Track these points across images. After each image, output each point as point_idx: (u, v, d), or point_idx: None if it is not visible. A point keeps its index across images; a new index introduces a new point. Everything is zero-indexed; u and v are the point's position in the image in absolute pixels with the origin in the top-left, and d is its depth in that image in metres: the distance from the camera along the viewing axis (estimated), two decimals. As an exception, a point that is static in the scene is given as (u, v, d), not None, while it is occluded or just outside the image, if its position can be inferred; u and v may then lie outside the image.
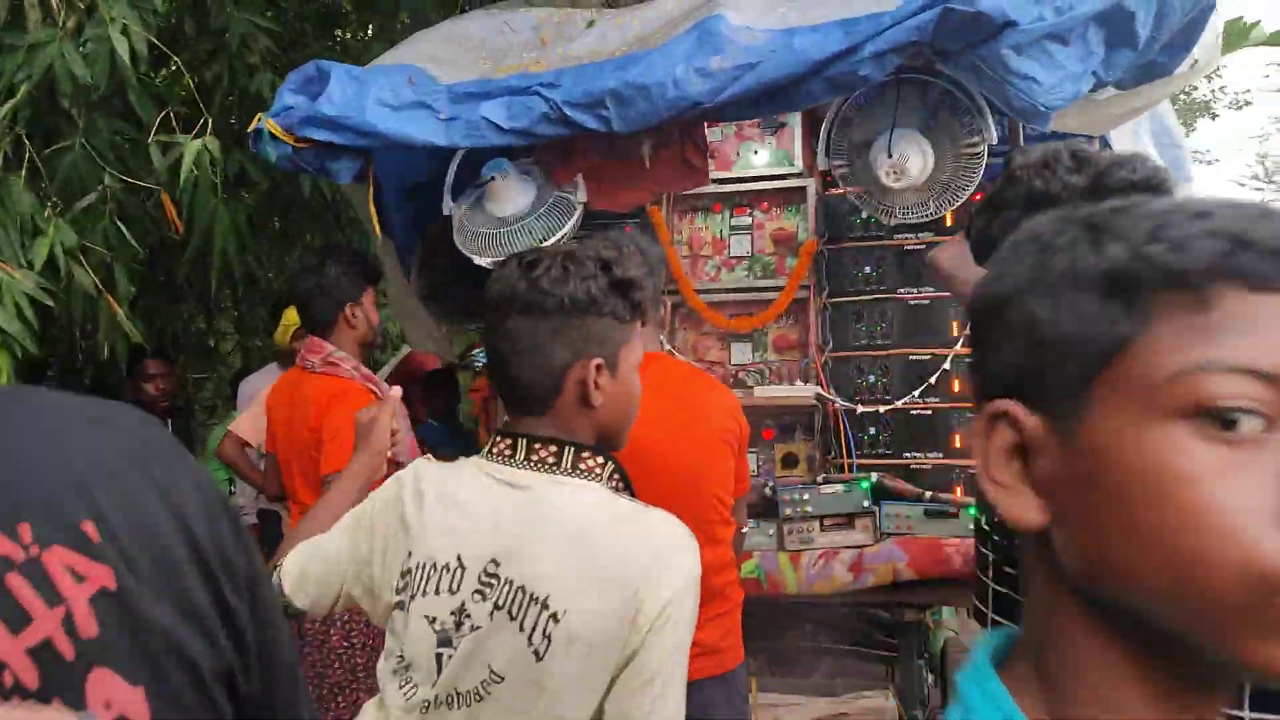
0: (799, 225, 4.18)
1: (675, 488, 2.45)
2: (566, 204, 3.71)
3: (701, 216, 4.33)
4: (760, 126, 4.22)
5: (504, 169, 3.69)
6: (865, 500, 3.53)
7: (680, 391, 2.81)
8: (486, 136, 3.27)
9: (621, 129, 3.19)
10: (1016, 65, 2.81)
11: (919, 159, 3.29)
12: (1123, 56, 2.94)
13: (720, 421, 2.78)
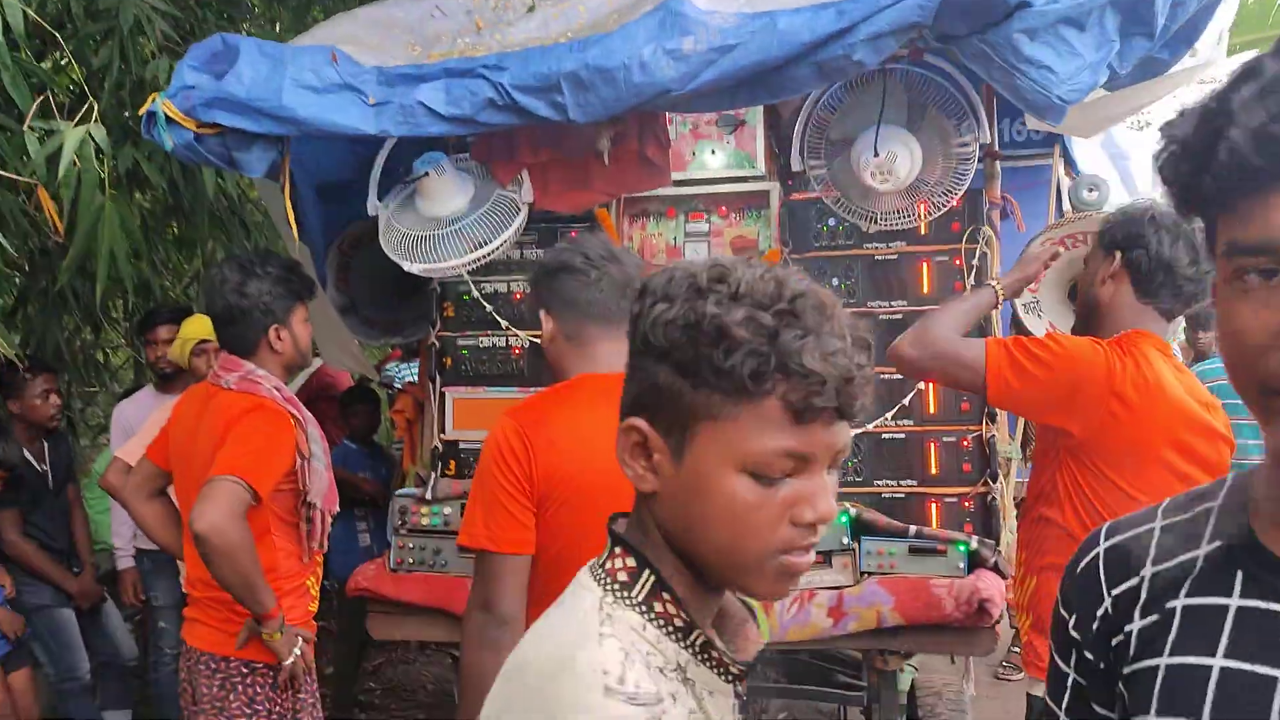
0: (760, 233, 3.84)
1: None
2: (509, 204, 3.31)
3: (654, 221, 3.96)
4: (718, 124, 3.86)
5: (439, 164, 3.27)
6: (844, 536, 3.19)
7: None
8: (422, 124, 2.86)
9: (578, 118, 2.81)
10: (1029, 52, 2.51)
11: (907, 158, 2.98)
12: (1138, 46, 2.66)
13: None
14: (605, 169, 3.21)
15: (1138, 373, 2.43)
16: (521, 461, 2.16)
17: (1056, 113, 2.55)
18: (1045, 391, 2.47)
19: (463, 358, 3.94)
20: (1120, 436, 2.44)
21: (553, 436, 2.15)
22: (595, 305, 2.26)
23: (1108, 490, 2.47)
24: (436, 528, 3.44)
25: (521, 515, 2.13)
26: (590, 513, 2.05)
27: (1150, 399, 2.42)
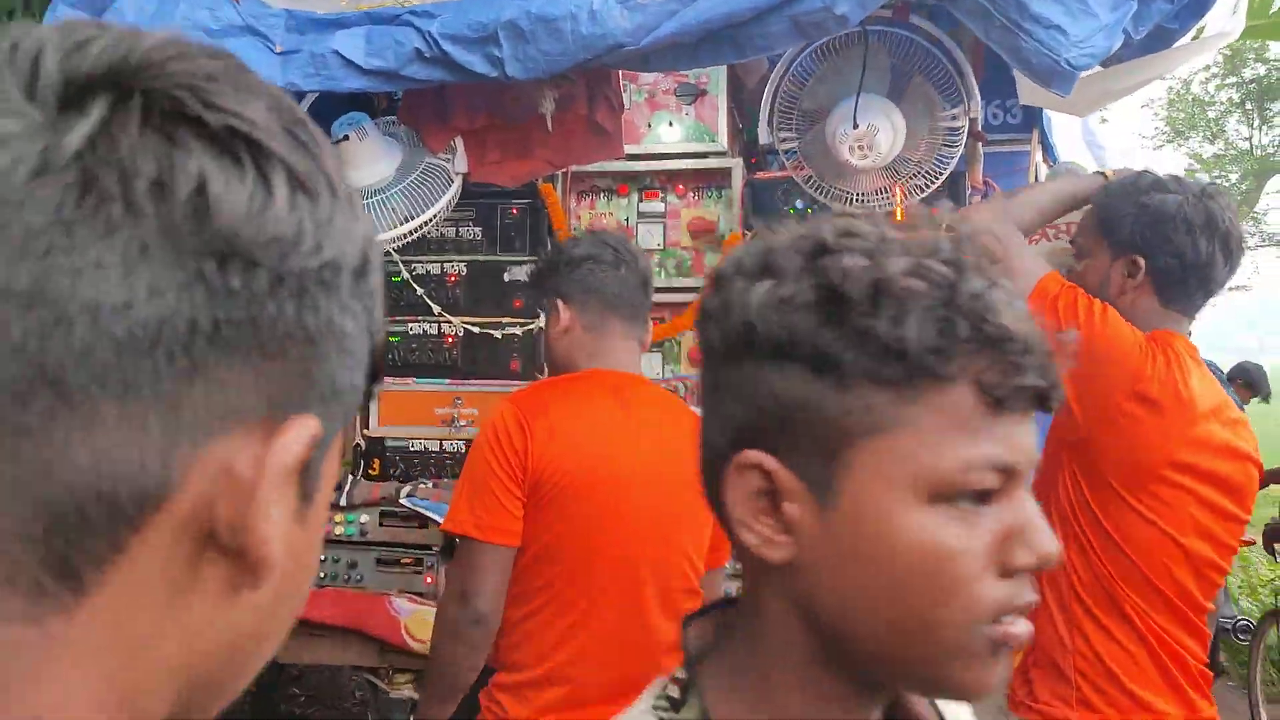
0: (721, 214, 3.50)
1: (637, 541, 2.03)
2: (440, 174, 2.93)
3: (604, 199, 3.60)
4: (677, 94, 3.52)
5: (360, 126, 2.89)
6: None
7: (651, 416, 2.13)
8: (337, 77, 2.47)
9: (517, 75, 2.44)
10: (1037, 9, 2.18)
11: (889, 132, 2.64)
12: (1156, 8, 2.34)
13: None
14: (549, 136, 2.85)
15: (1167, 374, 2.00)
16: (518, 449, 2.03)
17: (1064, 80, 2.22)
18: (1081, 356, 2.04)
19: (391, 345, 3.56)
20: (1132, 442, 2.01)
21: (553, 425, 2.04)
22: (621, 298, 2.14)
23: (1117, 507, 2.02)
24: (352, 538, 3.05)
25: (510, 504, 2.01)
26: (579, 517, 2.00)
27: (1175, 406, 2.01)
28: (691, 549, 2.11)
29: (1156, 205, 2.07)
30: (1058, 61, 2.18)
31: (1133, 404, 2.02)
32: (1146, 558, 2.03)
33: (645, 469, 2.05)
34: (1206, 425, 2.05)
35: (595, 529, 2.04)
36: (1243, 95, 16.90)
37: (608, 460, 2.03)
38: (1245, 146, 17.39)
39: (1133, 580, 2.03)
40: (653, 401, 2.16)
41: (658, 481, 2.04)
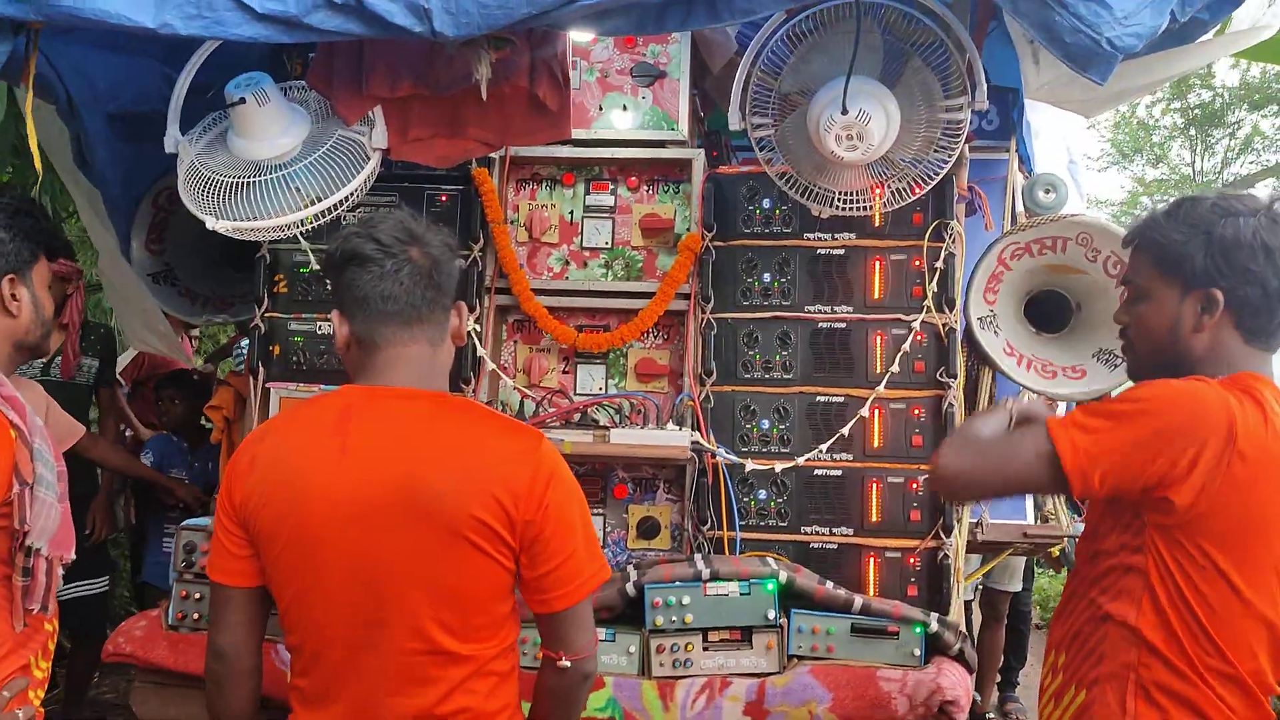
0: (678, 212, 3.10)
1: (340, 593, 1.72)
2: (355, 149, 2.51)
3: (546, 189, 3.18)
4: (632, 74, 3.11)
5: (260, 88, 2.44)
6: (770, 608, 2.47)
7: (382, 445, 1.74)
8: (225, 22, 2.04)
9: (448, 32, 2.03)
10: (1076, -22, 1.82)
11: (883, 120, 2.27)
12: (1206, -13, 1.99)
13: (471, 494, 1.70)
14: (483, 110, 2.44)
15: (1260, 423, 1.73)
16: (226, 481, 1.85)
17: (1104, 64, 1.87)
18: (1142, 449, 1.74)
19: (294, 346, 3.11)
20: (1238, 507, 1.74)
21: (257, 455, 1.82)
22: (392, 301, 1.80)
23: (1211, 584, 1.75)
24: (234, 573, 2.59)
25: (229, 541, 1.82)
26: (279, 563, 1.75)
27: (1272, 460, 1.74)
28: (434, 601, 1.70)
29: (1230, 231, 1.81)
30: (1098, 42, 1.83)
31: (1238, 461, 1.72)
32: (1234, 643, 1.76)
33: (351, 506, 1.70)
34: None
35: (292, 577, 1.75)
36: (1186, 121, 16.97)
37: (300, 497, 1.72)
38: (1187, 172, 17.47)
39: (1212, 669, 1.77)
40: (392, 424, 1.76)
41: (372, 520, 1.70)
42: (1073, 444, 1.75)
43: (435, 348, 1.84)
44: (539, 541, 1.73)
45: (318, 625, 1.74)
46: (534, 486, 1.72)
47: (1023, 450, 1.81)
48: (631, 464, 3.01)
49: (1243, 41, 2.55)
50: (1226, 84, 16.00)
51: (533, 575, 1.76)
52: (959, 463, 1.86)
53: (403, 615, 1.70)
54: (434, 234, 1.86)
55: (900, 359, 2.91)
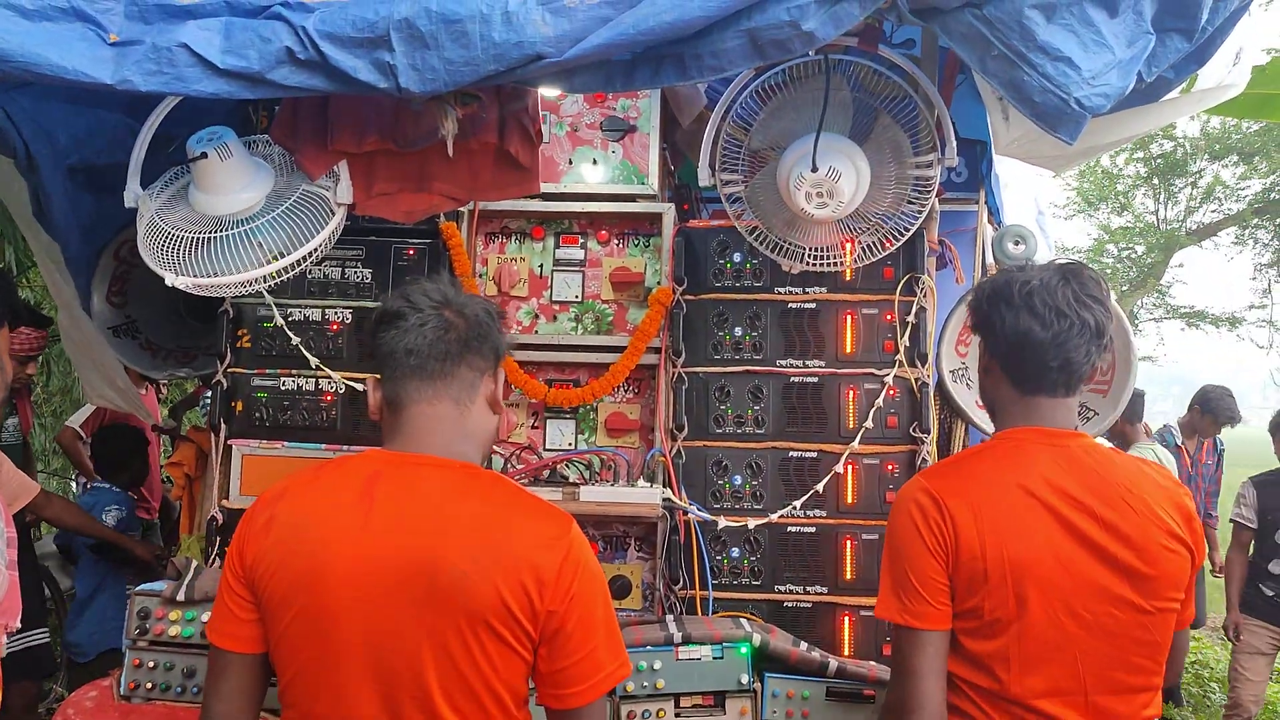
0: (649, 265, 3.08)
1: (350, 665, 1.63)
2: (319, 204, 2.46)
3: (516, 243, 3.15)
4: (602, 128, 3.10)
5: (223, 143, 2.40)
6: (744, 672, 2.41)
7: (409, 512, 1.66)
8: (186, 78, 2.00)
9: (413, 88, 2.00)
10: (1046, 37, 1.83)
11: (852, 177, 2.25)
12: (1173, 48, 2.02)
13: (497, 577, 1.61)
14: (451, 165, 2.40)
15: (960, 485, 1.88)
16: (237, 542, 1.75)
17: (1072, 124, 1.86)
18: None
19: (257, 402, 3.05)
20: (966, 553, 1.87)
21: (275, 516, 1.72)
22: (415, 354, 1.74)
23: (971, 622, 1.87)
24: (190, 640, 2.49)
25: (235, 605, 1.73)
26: (289, 630, 1.66)
27: (984, 508, 1.86)
28: (448, 683, 1.62)
29: (978, 292, 1.98)
30: (1067, 101, 1.83)
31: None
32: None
33: (371, 578, 1.62)
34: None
35: (302, 646, 1.65)
36: (1150, 170, 17.23)
37: (318, 564, 1.63)
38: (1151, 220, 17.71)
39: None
40: (419, 496, 1.69)
41: (391, 594, 1.61)
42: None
43: (462, 409, 1.76)
44: (561, 634, 1.63)
45: (324, 703, 1.64)
46: (561, 576, 1.63)
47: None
48: (602, 521, 2.95)
49: (1208, 100, 2.56)
50: (1188, 134, 16.30)
51: (550, 669, 1.65)
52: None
53: (417, 698, 1.60)
54: (475, 301, 1.82)
55: (874, 414, 2.89)
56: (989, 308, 1.91)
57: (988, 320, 1.92)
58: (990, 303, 1.91)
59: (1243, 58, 2.48)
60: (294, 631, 1.64)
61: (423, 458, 1.70)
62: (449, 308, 1.77)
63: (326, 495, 1.71)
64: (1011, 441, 1.90)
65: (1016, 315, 1.86)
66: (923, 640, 1.80)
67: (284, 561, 1.66)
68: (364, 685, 1.62)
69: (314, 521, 1.68)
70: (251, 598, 1.70)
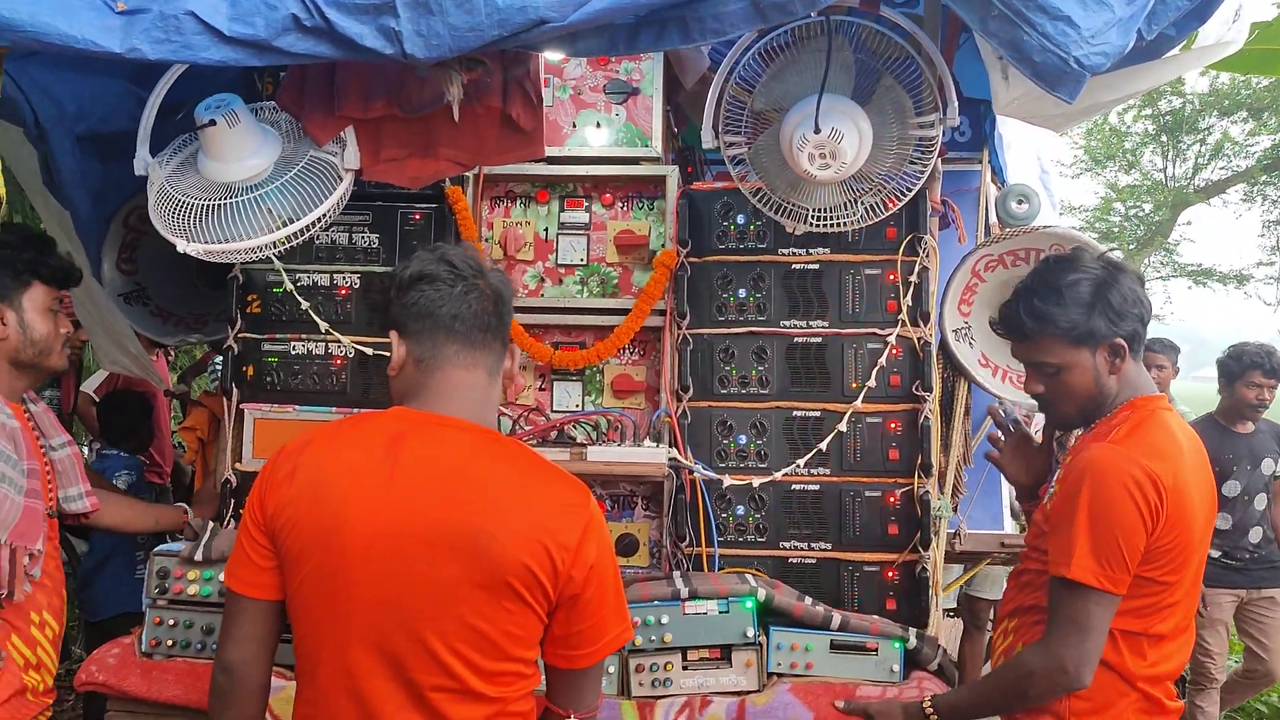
0: (653, 228, 3.10)
1: (364, 618, 1.67)
2: (328, 170, 2.49)
3: (520, 207, 3.18)
4: (605, 91, 3.12)
5: (231, 110, 2.43)
6: (749, 625, 2.47)
7: (432, 474, 1.71)
8: (194, 46, 2.02)
9: (418, 54, 2.02)
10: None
11: (855, 138, 2.27)
12: (1173, 5, 2.03)
13: (522, 541, 1.66)
14: (456, 130, 2.43)
15: (1164, 463, 2.09)
16: (258, 489, 1.80)
17: (1072, 83, 1.88)
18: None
19: (269, 366, 3.09)
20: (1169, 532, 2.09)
21: (298, 467, 1.75)
22: (460, 321, 1.80)
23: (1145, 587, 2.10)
24: (208, 599, 2.56)
25: (254, 552, 1.77)
26: (305, 580, 1.69)
27: (1181, 486, 2.10)
28: (464, 639, 1.66)
29: (1109, 292, 2.19)
30: (1066, 60, 1.85)
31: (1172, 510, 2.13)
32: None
33: (393, 535, 1.66)
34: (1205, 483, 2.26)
35: (318, 597, 1.69)
36: (1158, 128, 17.14)
37: (339, 517, 1.67)
38: (1159, 178, 17.64)
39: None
40: (446, 457, 1.72)
41: (413, 551, 1.65)
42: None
43: (491, 379, 1.82)
44: (579, 600, 1.69)
45: (336, 653, 1.68)
46: (584, 543, 1.68)
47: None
48: (609, 481, 3.00)
49: (1209, 56, 2.56)
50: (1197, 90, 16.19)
51: (564, 632, 1.72)
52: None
53: (430, 652, 1.65)
54: (498, 274, 1.87)
55: (876, 373, 2.92)
56: (1130, 301, 2.18)
57: (1130, 314, 2.18)
58: (1132, 297, 2.19)
59: (1242, 14, 2.48)
60: (310, 584, 1.69)
61: (448, 419, 1.74)
62: (483, 278, 1.81)
63: (351, 450, 1.74)
64: (1158, 409, 2.19)
65: (1142, 294, 2.20)
66: (1110, 604, 2.03)
67: (305, 514, 1.70)
68: (378, 637, 1.67)
69: (337, 476, 1.70)
70: (270, 546, 1.74)
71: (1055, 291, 2.19)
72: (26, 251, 2.46)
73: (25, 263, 2.46)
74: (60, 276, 2.56)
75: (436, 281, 1.80)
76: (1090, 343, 2.19)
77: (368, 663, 1.67)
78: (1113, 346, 2.18)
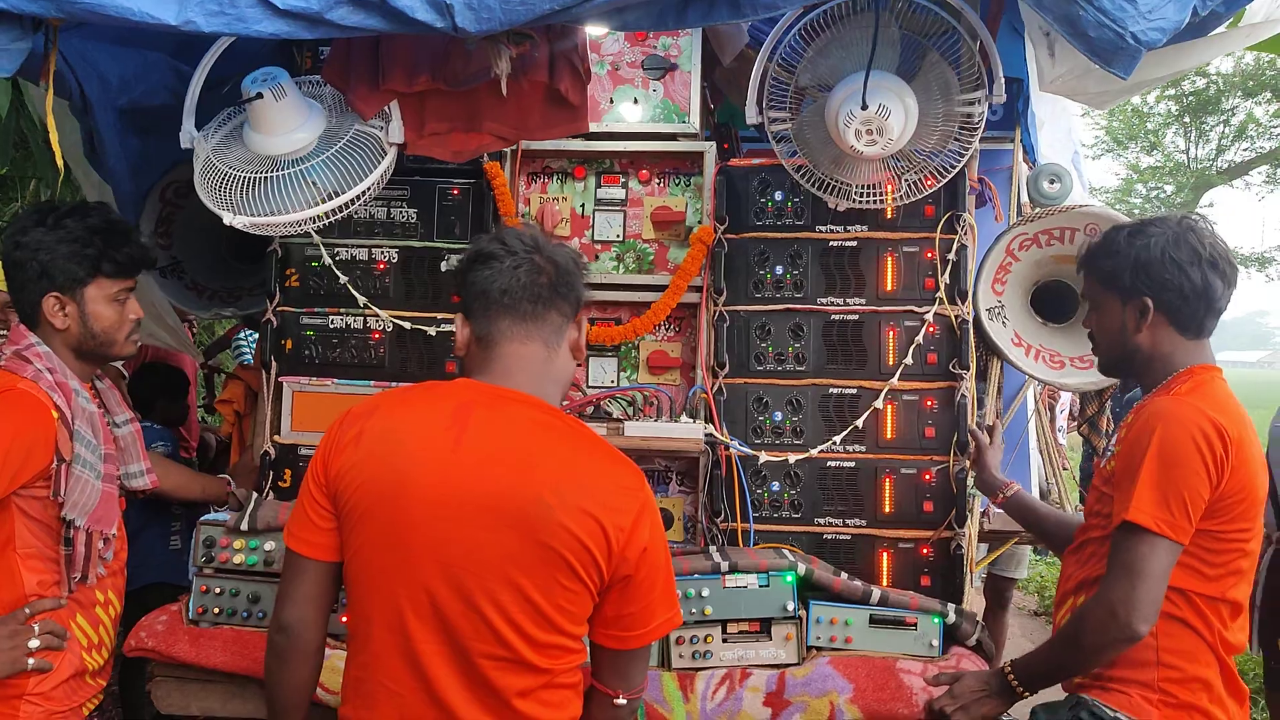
0: (690, 205, 3.11)
1: (421, 582, 1.72)
2: (372, 144, 2.51)
3: (557, 182, 3.19)
4: (643, 66, 3.11)
5: (278, 84, 2.45)
6: (789, 599, 2.49)
7: (496, 445, 1.74)
8: (248, 20, 2.03)
9: (470, 28, 2.03)
10: (1100, -30, 1.83)
11: (901, 115, 2.27)
12: (1231, -22, 2.00)
13: (580, 517, 1.69)
14: (501, 104, 2.44)
15: (1229, 418, 2.11)
16: (322, 452, 1.85)
17: (1128, 59, 1.88)
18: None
19: (307, 340, 3.11)
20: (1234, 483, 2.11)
21: (364, 431, 1.80)
22: (509, 295, 1.83)
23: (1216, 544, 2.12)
24: (254, 568, 2.60)
25: (315, 513, 1.82)
26: (365, 542, 1.73)
27: (1246, 440, 2.12)
28: (517, 608, 1.69)
29: (1144, 253, 2.22)
30: (1123, 36, 1.84)
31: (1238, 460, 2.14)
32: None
33: (455, 500, 1.70)
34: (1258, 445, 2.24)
35: (377, 559, 1.73)
36: (1181, 109, 17.01)
37: (404, 480, 1.72)
38: (1182, 159, 17.53)
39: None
40: (510, 429, 1.75)
41: (473, 517, 1.69)
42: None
43: (550, 351, 1.84)
44: (631, 582, 1.73)
45: (393, 615, 1.72)
46: (639, 525, 1.72)
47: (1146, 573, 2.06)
48: (644, 456, 3.02)
49: (1257, 34, 2.55)
50: (1221, 71, 16.04)
51: (615, 613, 1.75)
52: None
53: (484, 618, 1.68)
54: (562, 249, 1.90)
55: (913, 351, 2.93)
56: (1171, 269, 2.18)
57: (1166, 281, 2.19)
58: (1172, 264, 2.18)
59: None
60: (372, 544, 1.73)
61: (513, 393, 1.77)
62: (539, 253, 1.85)
63: (419, 416, 1.78)
64: (1219, 377, 2.22)
65: (1204, 274, 2.17)
66: (1168, 551, 2.04)
67: (372, 475, 1.73)
68: (434, 601, 1.70)
69: (404, 440, 1.74)
70: (331, 508, 1.78)
71: (1112, 237, 2.29)
72: (91, 246, 2.38)
73: (88, 258, 2.38)
74: (128, 267, 2.47)
75: (491, 260, 1.84)
76: (1118, 291, 2.26)
77: (421, 626, 1.70)
78: (1139, 305, 2.23)
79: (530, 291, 1.81)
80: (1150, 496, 2.04)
